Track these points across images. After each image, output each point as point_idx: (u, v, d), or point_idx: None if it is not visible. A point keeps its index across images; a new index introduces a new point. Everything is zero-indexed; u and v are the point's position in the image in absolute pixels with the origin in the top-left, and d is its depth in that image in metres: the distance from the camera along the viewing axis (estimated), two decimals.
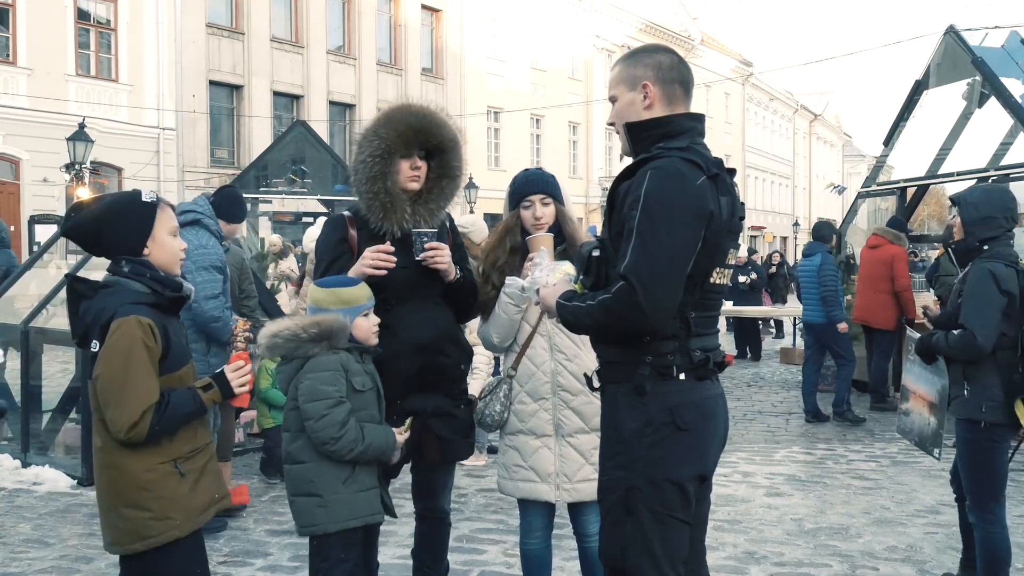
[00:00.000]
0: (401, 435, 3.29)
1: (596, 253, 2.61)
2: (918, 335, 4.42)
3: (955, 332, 4.02)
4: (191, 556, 2.93)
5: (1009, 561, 4.06)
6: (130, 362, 2.71)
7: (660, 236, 2.39)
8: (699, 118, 2.68)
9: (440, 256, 3.39)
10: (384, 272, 3.33)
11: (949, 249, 4.47)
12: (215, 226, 5.58)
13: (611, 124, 2.77)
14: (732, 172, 2.67)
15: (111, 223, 2.85)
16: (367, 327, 3.24)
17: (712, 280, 2.56)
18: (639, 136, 2.64)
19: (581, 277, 2.67)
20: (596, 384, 2.70)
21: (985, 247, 4.07)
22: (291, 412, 3.18)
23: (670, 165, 2.46)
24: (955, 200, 4.27)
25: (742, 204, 2.65)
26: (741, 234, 2.84)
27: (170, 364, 2.83)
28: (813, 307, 9.43)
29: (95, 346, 2.76)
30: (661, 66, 2.65)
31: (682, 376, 2.52)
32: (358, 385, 3.20)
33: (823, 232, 9.87)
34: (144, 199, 2.89)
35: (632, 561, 2.51)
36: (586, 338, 3.16)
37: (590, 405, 3.49)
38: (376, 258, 3.33)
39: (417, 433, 3.44)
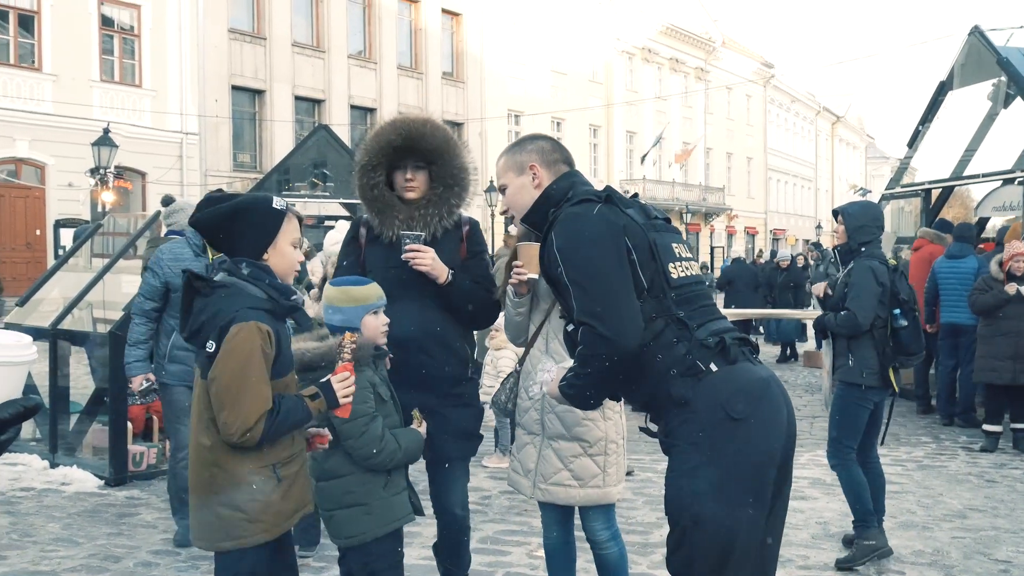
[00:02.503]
0: (422, 430, 3.36)
1: (570, 328, 2.68)
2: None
3: (842, 313, 5.04)
4: (270, 557, 2.98)
5: (867, 486, 5.04)
6: (248, 368, 2.72)
7: (587, 271, 2.53)
8: (573, 173, 2.92)
9: (420, 258, 3.49)
10: (419, 266, 3.50)
11: (835, 250, 5.47)
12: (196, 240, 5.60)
13: (504, 213, 3.01)
14: (635, 196, 2.84)
15: (240, 222, 2.86)
16: (375, 325, 3.28)
17: (675, 276, 2.60)
18: (535, 217, 2.87)
19: (573, 353, 2.72)
20: (654, 429, 2.69)
21: (863, 248, 5.08)
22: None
23: (565, 216, 2.65)
24: (838, 212, 5.28)
25: (652, 207, 2.80)
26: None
27: (278, 370, 2.85)
28: (963, 310, 8.88)
29: (211, 347, 2.77)
30: (544, 150, 2.93)
31: (713, 366, 2.51)
32: (384, 396, 3.28)
33: (968, 232, 9.49)
34: (275, 205, 2.91)
35: (700, 570, 2.49)
36: None
37: (571, 414, 3.56)
38: (406, 256, 3.51)
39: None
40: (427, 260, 3.49)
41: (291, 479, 2.92)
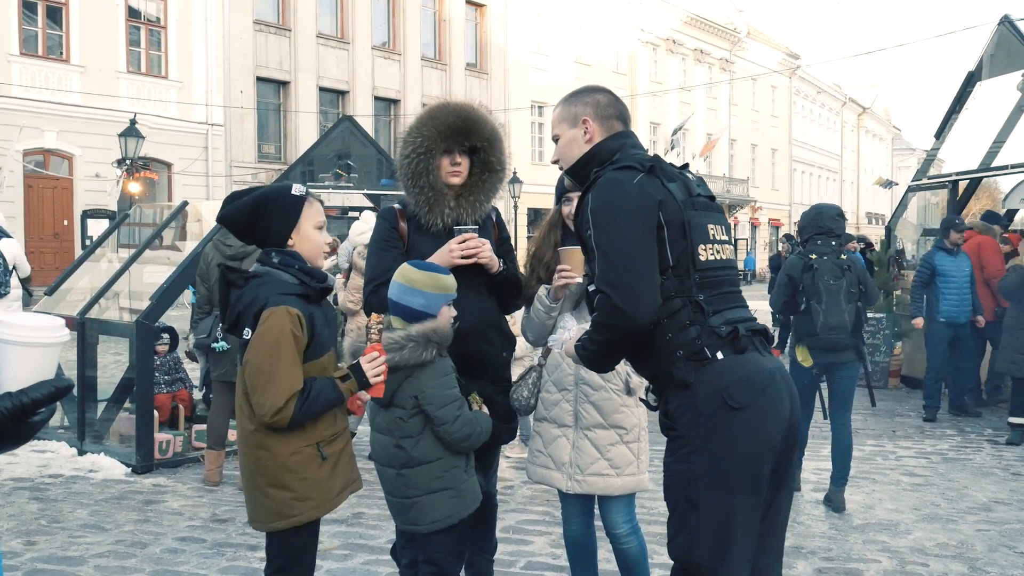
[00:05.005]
0: (485, 413, 3.39)
1: (591, 288, 2.68)
2: None
3: None
4: (316, 534, 3.11)
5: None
6: (278, 351, 2.84)
7: (615, 240, 2.52)
8: (625, 134, 2.86)
9: (481, 251, 3.48)
10: (473, 260, 3.44)
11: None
12: None
13: (555, 162, 2.96)
14: (684, 167, 2.81)
15: (261, 213, 3.01)
16: (448, 316, 3.30)
17: (703, 258, 2.59)
18: (580, 174, 2.82)
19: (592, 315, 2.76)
20: (653, 403, 2.72)
21: (805, 244, 6.05)
22: (411, 419, 3.20)
23: (605, 180, 2.62)
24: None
25: (700, 181, 2.76)
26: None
27: (313, 352, 2.97)
28: (947, 304, 9.06)
29: (247, 334, 2.91)
30: (599, 104, 2.86)
31: (720, 355, 2.52)
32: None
33: (946, 224, 9.31)
34: (292, 192, 3.05)
35: (699, 555, 2.51)
36: None
37: (610, 401, 3.56)
38: (466, 247, 3.44)
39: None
40: (487, 252, 3.50)
41: (336, 456, 3.04)
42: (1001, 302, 8.80)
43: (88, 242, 20.70)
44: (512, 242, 3.92)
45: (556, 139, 2.93)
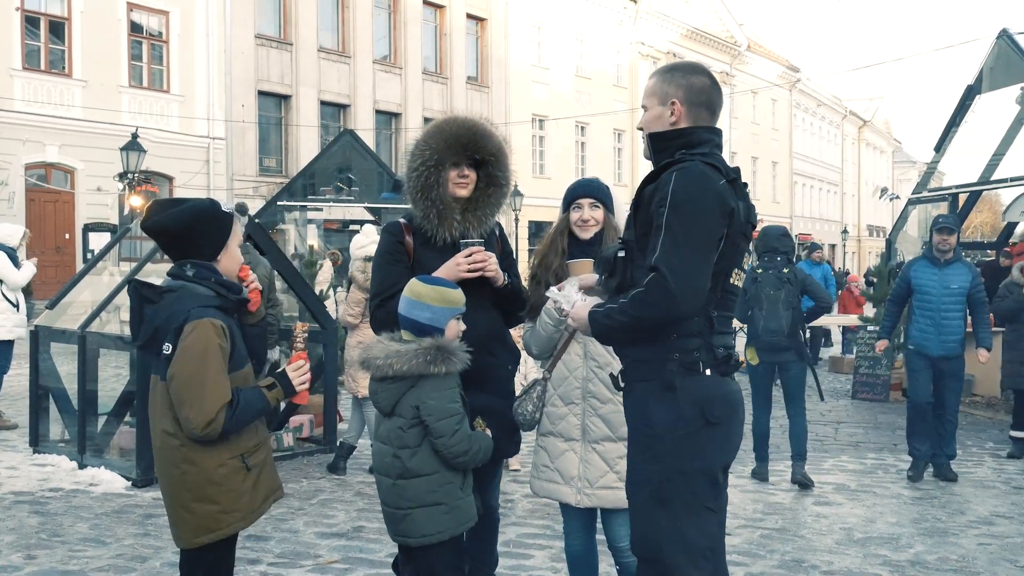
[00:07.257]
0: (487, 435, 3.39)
1: (621, 254, 2.74)
2: None
3: None
4: (234, 548, 3.12)
5: (763, 436, 7.00)
6: (206, 362, 2.82)
7: (688, 228, 2.55)
8: (717, 132, 2.83)
9: (488, 264, 3.49)
10: (479, 274, 3.45)
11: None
12: None
13: (640, 129, 2.95)
14: (744, 184, 2.83)
15: (197, 228, 2.98)
16: (456, 330, 3.31)
17: (732, 281, 2.71)
18: (662, 145, 2.81)
19: (604, 278, 2.82)
20: (622, 384, 2.81)
21: (765, 259, 6.90)
22: (411, 430, 3.21)
23: (694, 167, 2.62)
24: None
25: (753, 210, 2.80)
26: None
27: (235, 363, 2.95)
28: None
29: (167, 348, 2.87)
30: (692, 88, 2.80)
31: (708, 372, 2.65)
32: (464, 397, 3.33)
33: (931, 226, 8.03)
34: (224, 209, 3.06)
35: (667, 551, 2.61)
36: None
37: (618, 414, 3.52)
38: (473, 260, 3.45)
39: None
40: (493, 265, 3.51)
41: (259, 467, 3.04)
42: None
43: (89, 256, 20.72)
44: (514, 255, 3.93)
45: (644, 108, 2.89)
